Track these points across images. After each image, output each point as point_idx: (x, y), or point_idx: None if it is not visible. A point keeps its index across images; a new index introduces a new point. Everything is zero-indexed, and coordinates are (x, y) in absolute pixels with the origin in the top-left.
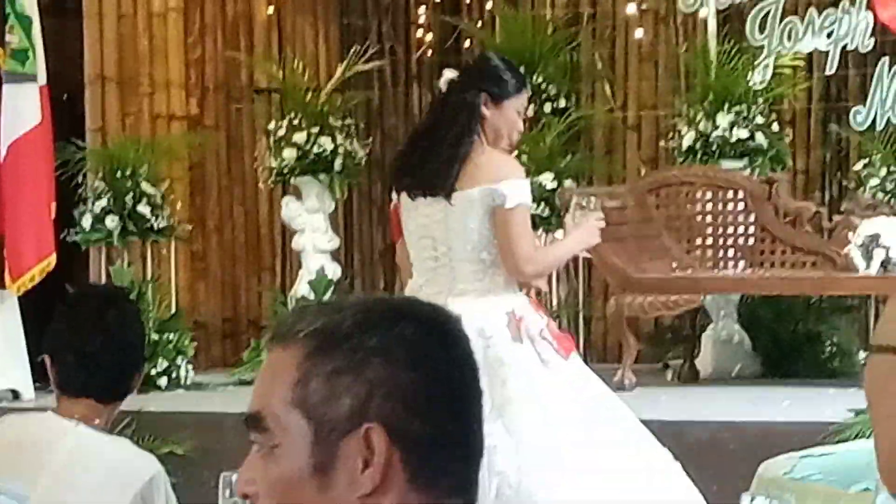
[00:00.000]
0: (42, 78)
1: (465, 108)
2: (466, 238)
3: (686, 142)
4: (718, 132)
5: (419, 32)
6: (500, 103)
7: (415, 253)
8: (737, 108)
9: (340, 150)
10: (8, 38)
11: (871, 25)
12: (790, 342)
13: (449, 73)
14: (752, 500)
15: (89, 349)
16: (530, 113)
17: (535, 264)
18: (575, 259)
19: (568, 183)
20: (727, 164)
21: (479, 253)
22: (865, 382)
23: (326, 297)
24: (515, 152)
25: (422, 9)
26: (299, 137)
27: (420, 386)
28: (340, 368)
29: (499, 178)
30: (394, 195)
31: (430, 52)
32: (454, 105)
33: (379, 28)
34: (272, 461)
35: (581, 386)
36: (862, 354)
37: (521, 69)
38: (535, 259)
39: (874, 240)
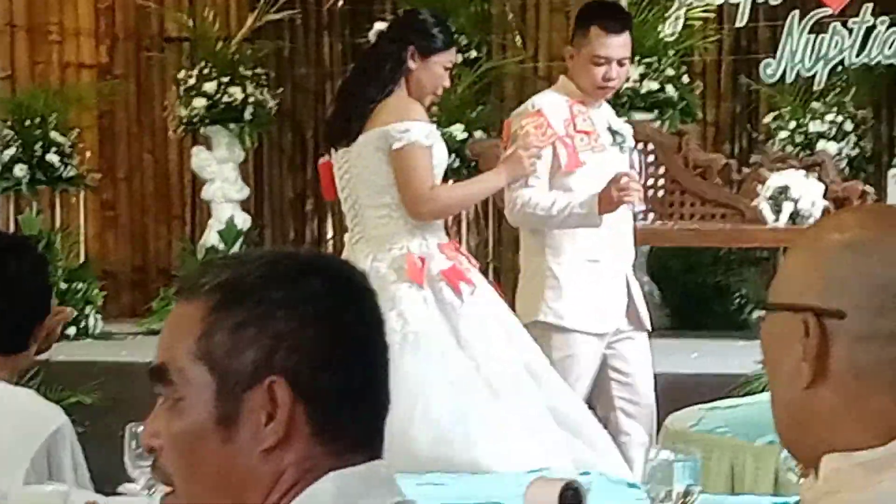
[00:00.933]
0: None
1: (389, 59)
2: (368, 182)
3: None
4: (629, 84)
5: None
6: (427, 57)
7: (344, 208)
8: (647, 60)
9: (251, 99)
10: None
11: None
12: (699, 294)
13: (378, 25)
14: (657, 452)
15: None
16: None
17: (433, 202)
18: (486, 209)
19: (479, 134)
20: (637, 115)
21: (381, 197)
22: (762, 342)
23: (236, 247)
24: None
25: None
26: (209, 87)
27: (325, 340)
28: (245, 321)
29: (392, 120)
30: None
31: (340, 2)
32: (379, 56)
33: None
34: (176, 414)
35: (493, 329)
36: None
37: None
38: (431, 198)
39: (783, 192)
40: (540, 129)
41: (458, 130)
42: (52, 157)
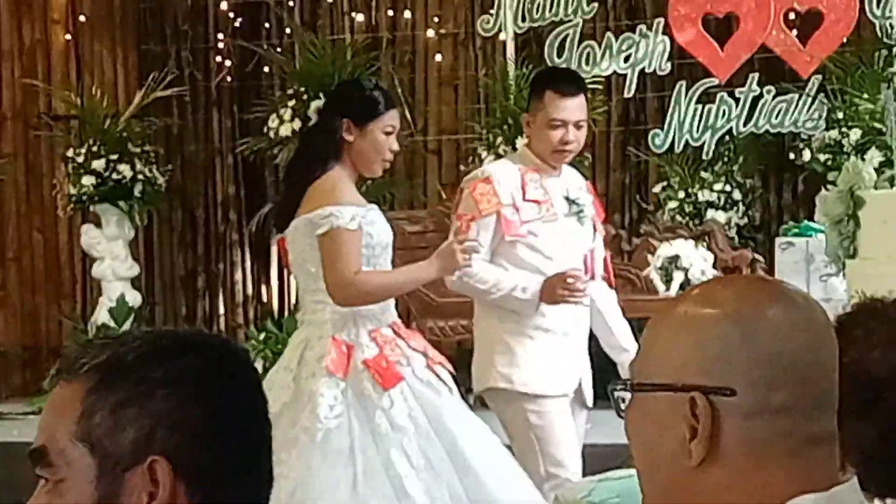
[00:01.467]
0: None
1: (322, 134)
2: (302, 267)
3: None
4: None
5: (218, 58)
6: (364, 126)
7: None
8: None
9: (140, 176)
10: None
11: (669, 49)
12: (591, 363)
13: (315, 103)
14: None
15: None
16: None
17: (353, 288)
18: None
19: None
20: None
21: (316, 282)
22: (630, 424)
23: (127, 324)
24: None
25: (221, 34)
26: (98, 164)
27: (206, 418)
28: (125, 401)
29: (316, 205)
30: None
31: (229, 78)
32: (313, 134)
33: (178, 54)
34: (57, 496)
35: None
36: None
37: (321, 95)
38: (352, 283)
39: (673, 261)
40: (486, 196)
41: None
42: None
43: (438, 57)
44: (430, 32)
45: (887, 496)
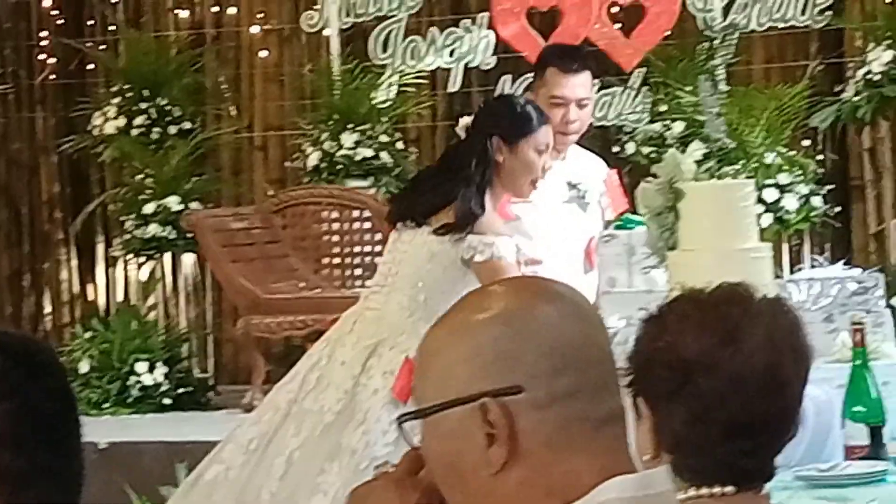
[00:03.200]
0: None
1: (471, 155)
2: (413, 274)
3: (311, 161)
4: (343, 151)
5: (42, 56)
6: (515, 144)
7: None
8: (361, 127)
9: None
10: None
11: (493, 43)
12: None
13: (465, 120)
14: None
15: None
16: (156, 135)
17: None
18: (203, 280)
19: (195, 205)
20: (353, 183)
21: (417, 292)
22: (425, 450)
23: None
24: None
25: (44, 32)
26: None
27: (9, 418)
28: None
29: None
30: None
31: (53, 76)
32: (462, 153)
33: (1, 52)
34: None
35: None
36: None
37: (145, 92)
38: None
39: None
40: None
41: (173, 202)
42: None
43: (263, 53)
44: (255, 28)
45: (701, 483)
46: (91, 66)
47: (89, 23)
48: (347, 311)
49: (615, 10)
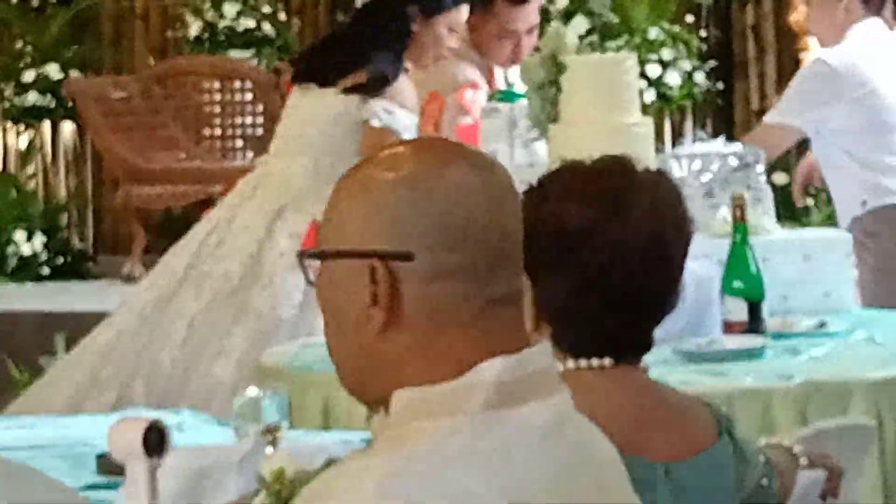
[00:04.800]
0: None
1: (392, 20)
2: (321, 133)
3: (193, 31)
4: (225, 22)
5: None
6: (431, 17)
7: None
8: None
9: None
10: None
11: None
12: None
13: None
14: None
15: None
16: (36, 2)
17: None
18: (83, 149)
19: (75, 73)
20: (235, 53)
21: (333, 148)
22: (317, 292)
23: None
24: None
25: None
26: None
27: None
28: None
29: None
30: None
31: None
32: (381, 17)
33: None
34: None
35: None
36: None
37: None
38: None
39: None
40: (475, 103)
41: (53, 70)
42: None
43: None
44: None
45: (580, 355)
46: None
47: None
48: (247, 176)
49: None
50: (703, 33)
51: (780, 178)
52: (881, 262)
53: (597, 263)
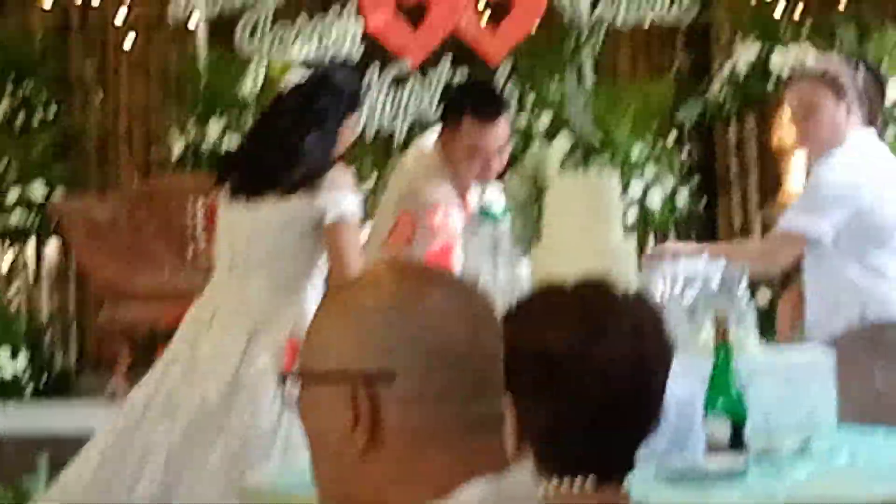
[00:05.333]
0: None
1: (330, 114)
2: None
3: (177, 150)
4: (210, 140)
5: None
6: (353, 113)
7: None
8: (228, 116)
9: None
10: None
11: (361, 33)
12: None
13: (298, 74)
14: None
15: None
16: (20, 122)
17: None
18: (67, 267)
19: (59, 192)
20: None
21: None
22: (301, 416)
23: None
24: None
25: None
26: None
27: None
28: None
29: None
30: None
31: None
32: (321, 111)
33: None
34: None
35: None
36: None
37: (10, 78)
38: None
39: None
40: (445, 227)
41: (38, 189)
42: None
43: (130, 40)
44: (122, 15)
45: (563, 475)
46: None
47: None
48: (198, 304)
49: (482, 2)
50: (685, 151)
51: (763, 296)
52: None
53: (579, 386)
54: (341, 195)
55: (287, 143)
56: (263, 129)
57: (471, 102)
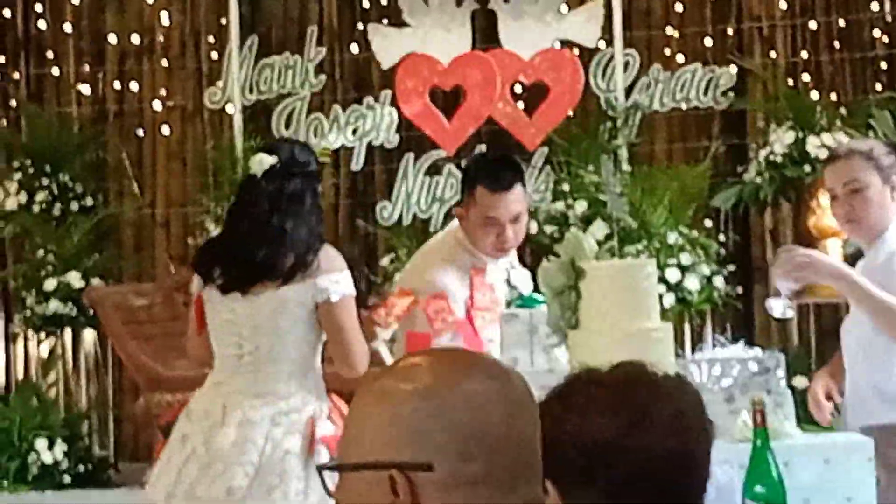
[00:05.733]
0: None
1: (307, 196)
2: None
3: None
4: None
5: None
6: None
7: None
8: None
9: None
10: None
11: (397, 121)
12: None
13: (268, 159)
14: None
15: None
16: (57, 212)
17: None
18: (104, 357)
19: (96, 281)
20: None
21: None
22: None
23: None
24: None
25: None
26: None
27: None
28: None
29: None
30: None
31: None
32: (295, 194)
33: None
34: None
35: None
36: None
37: (47, 168)
38: None
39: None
40: (441, 314)
41: (75, 278)
42: None
43: (166, 129)
44: (158, 104)
45: None
46: None
47: None
48: (199, 405)
49: (518, 89)
50: (721, 238)
51: (801, 381)
52: None
53: (623, 473)
54: (339, 275)
55: (271, 232)
56: (243, 219)
57: (483, 172)
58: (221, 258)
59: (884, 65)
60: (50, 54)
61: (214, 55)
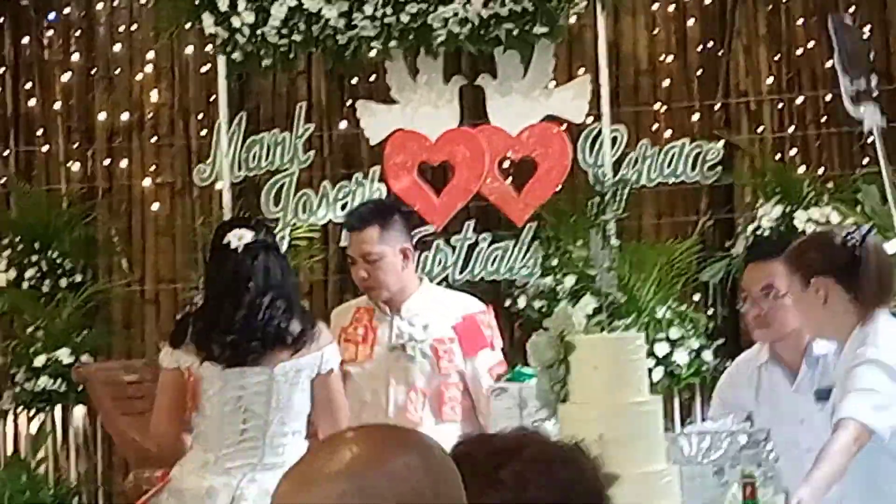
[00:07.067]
0: None
1: (289, 272)
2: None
3: None
4: None
5: None
6: None
7: None
8: None
9: None
10: None
11: (385, 197)
12: None
13: (245, 234)
14: None
15: None
16: (46, 288)
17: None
18: (93, 433)
19: (85, 357)
20: None
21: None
22: None
23: None
24: None
25: None
26: None
27: None
28: None
29: None
30: None
31: None
32: (279, 271)
33: None
34: None
35: None
36: None
37: (36, 244)
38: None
39: None
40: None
41: (64, 355)
42: None
43: (155, 206)
44: (147, 182)
45: None
46: None
47: None
48: (194, 482)
49: (506, 164)
50: (709, 312)
51: None
52: None
53: None
54: (335, 346)
55: (271, 302)
56: (234, 293)
57: (349, 213)
58: (217, 333)
59: (870, 139)
60: (39, 132)
61: (203, 132)
